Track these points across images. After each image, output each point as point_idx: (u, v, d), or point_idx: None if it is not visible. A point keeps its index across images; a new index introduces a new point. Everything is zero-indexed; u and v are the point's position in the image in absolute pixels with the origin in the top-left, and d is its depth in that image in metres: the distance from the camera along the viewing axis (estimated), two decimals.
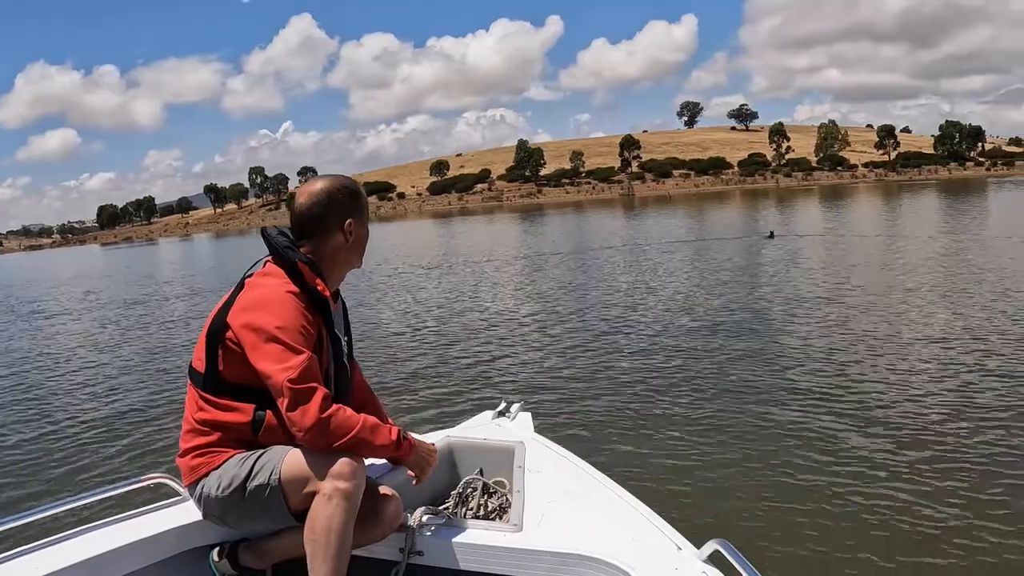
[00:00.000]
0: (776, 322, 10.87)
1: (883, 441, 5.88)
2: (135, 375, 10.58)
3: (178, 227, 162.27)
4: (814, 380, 7.68)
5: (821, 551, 4.30)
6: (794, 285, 14.26)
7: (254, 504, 2.23)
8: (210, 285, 24.97)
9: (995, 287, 12.38)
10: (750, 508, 4.89)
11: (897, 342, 9.08)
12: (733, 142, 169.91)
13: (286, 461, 2.20)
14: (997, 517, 4.50)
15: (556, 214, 71.42)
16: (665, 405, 7.25)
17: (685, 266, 19.01)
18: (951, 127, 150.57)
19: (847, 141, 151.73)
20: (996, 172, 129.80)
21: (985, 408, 6.48)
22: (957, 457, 5.45)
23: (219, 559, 2.41)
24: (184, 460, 2.34)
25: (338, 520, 2.11)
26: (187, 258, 53.40)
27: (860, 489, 5.04)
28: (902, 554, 4.20)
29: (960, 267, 15.15)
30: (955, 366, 7.84)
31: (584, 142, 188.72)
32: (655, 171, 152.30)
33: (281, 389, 2.13)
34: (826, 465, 5.50)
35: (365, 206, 2.52)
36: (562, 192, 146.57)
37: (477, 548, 2.30)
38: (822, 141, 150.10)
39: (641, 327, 11.18)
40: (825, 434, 6.14)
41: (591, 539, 2.22)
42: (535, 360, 9.60)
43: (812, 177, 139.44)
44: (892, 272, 15.24)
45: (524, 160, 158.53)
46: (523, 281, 18.78)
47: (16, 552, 2.22)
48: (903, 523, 4.54)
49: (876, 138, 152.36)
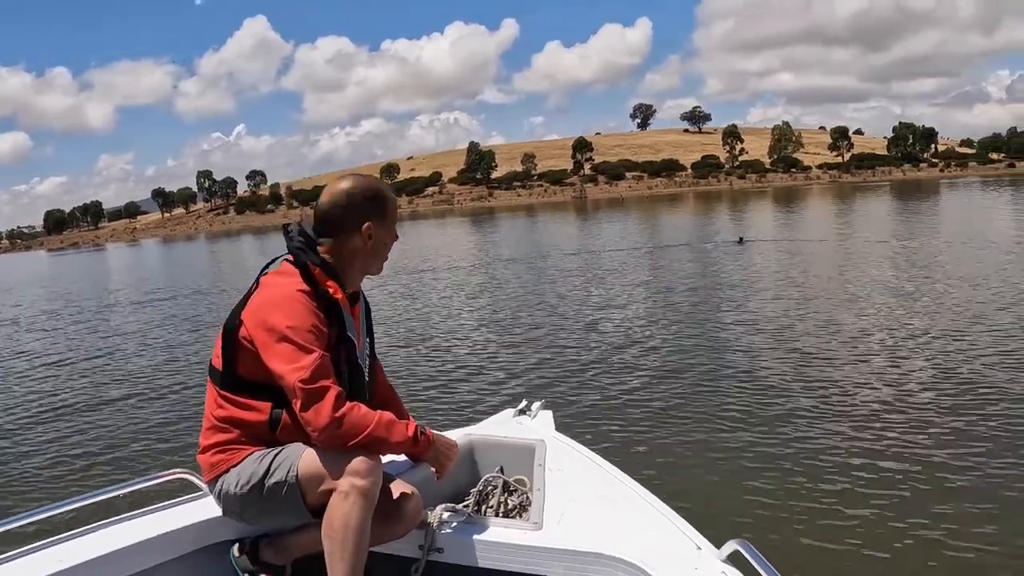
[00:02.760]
0: (793, 326, 10.94)
1: (905, 444, 5.92)
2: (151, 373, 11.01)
3: (125, 232, 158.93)
4: (837, 385, 7.69)
5: (841, 552, 4.36)
6: (796, 289, 14.40)
7: (272, 501, 2.27)
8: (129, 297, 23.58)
9: (972, 291, 12.67)
10: (770, 508, 4.98)
11: (931, 348, 9.04)
12: (686, 144, 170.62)
13: (303, 458, 2.23)
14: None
15: (508, 218, 71.01)
16: (685, 405, 7.36)
17: (675, 272, 18.91)
18: (904, 129, 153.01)
19: (801, 143, 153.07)
20: (950, 173, 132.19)
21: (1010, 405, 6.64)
22: (983, 461, 5.48)
23: (239, 555, 2.44)
24: (204, 457, 2.39)
25: (355, 518, 2.13)
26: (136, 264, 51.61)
27: (881, 490, 5.12)
28: (923, 554, 4.27)
29: (936, 270, 15.56)
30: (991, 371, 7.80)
31: (537, 144, 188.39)
32: (608, 173, 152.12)
33: (294, 390, 2.16)
34: (848, 467, 5.56)
35: (389, 210, 2.49)
36: (513, 195, 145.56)
37: (497, 546, 2.33)
38: (776, 143, 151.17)
39: (659, 330, 11.34)
40: (846, 436, 6.20)
41: (611, 538, 2.23)
42: (552, 360, 9.82)
43: (766, 179, 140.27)
44: (888, 277, 15.25)
45: (475, 163, 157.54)
46: (484, 288, 18.36)
47: (38, 545, 2.26)
48: (924, 523, 4.60)
49: (830, 140, 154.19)
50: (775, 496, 5.11)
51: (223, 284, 26.03)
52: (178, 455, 6.82)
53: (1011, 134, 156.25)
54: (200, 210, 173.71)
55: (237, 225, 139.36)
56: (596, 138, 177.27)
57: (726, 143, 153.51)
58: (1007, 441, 5.82)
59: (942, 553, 4.26)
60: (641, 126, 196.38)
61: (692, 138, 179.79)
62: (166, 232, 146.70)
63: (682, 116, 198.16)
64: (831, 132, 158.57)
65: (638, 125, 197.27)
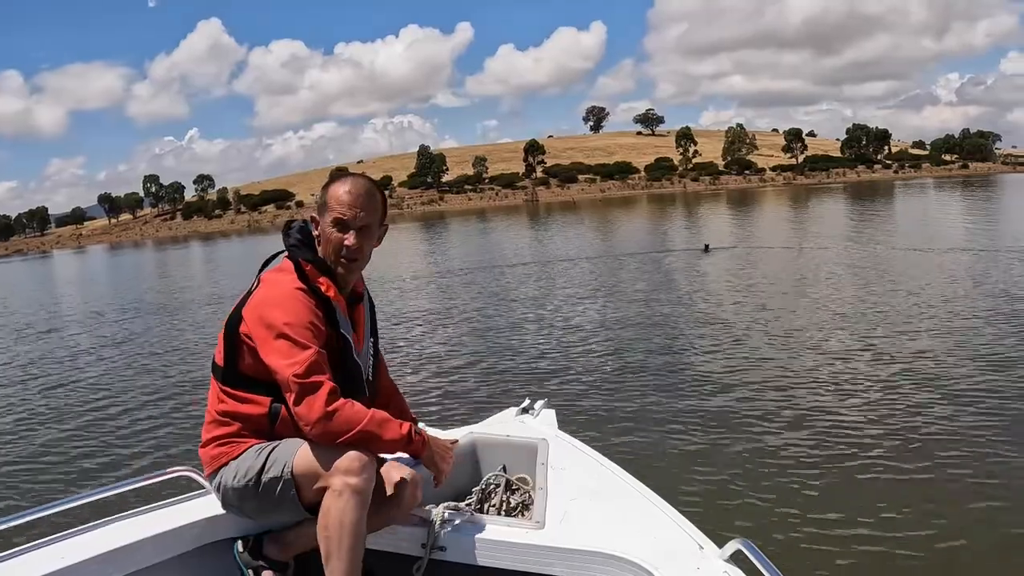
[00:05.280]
0: (793, 328, 11.17)
1: (908, 445, 6.05)
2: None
3: (71, 239, 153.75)
4: (839, 386, 7.87)
5: (843, 552, 4.44)
6: (782, 296, 14.50)
7: (268, 497, 2.34)
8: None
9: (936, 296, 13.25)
10: (773, 508, 5.06)
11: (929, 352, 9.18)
12: (640, 147, 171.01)
13: (298, 455, 2.30)
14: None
15: (463, 222, 70.55)
16: (689, 405, 7.54)
17: (652, 278, 18.94)
18: (858, 130, 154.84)
19: (755, 145, 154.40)
20: (904, 174, 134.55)
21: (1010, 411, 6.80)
22: (984, 461, 5.64)
23: (243, 550, 2.49)
24: (205, 450, 2.47)
25: (349, 516, 2.18)
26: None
27: (884, 490, 5.23)
28: (924, 554, 4.38)
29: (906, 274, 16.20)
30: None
31: (489, 148, 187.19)
32: (560, 176, 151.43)
33: (288, 383, 2.23)
34: (851, 468, 5.66)
35: (327, 198, 2.52)
36: (464, 199, 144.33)
37: (499, 544, 2.36)
38: (729, 145, 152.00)
39: (662, 329, 11.71)
40: (850, 437, 6.32)
41: (613, 537, 2.26)
42: (555, 360, 10.13)
43: (720, 181, 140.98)
44: (880, 280, 15.63)
45: (426, 166, 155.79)
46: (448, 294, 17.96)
47: (43, 542, 2.31)
48: (926, 523, 4.71)
49: (783, 142, 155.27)
50: (777, 496, 5.24)
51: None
52: (178, 451, 7.08)
53: (964, 135, 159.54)
54: (147, 215, 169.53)
55: (184, 231, 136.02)
56: (548, 141, 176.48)
57: (680, 145, 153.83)
58: (1009, 440, 6.01)
59: (943, 553, 4.39)
60: (594, 129, 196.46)
61: (645, 140, 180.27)
62: (112, 238, 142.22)
63: (635, 119, 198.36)
64: (785, 134, 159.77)
65: (591, 128, 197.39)
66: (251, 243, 66.40)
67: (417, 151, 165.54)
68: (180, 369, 11.87)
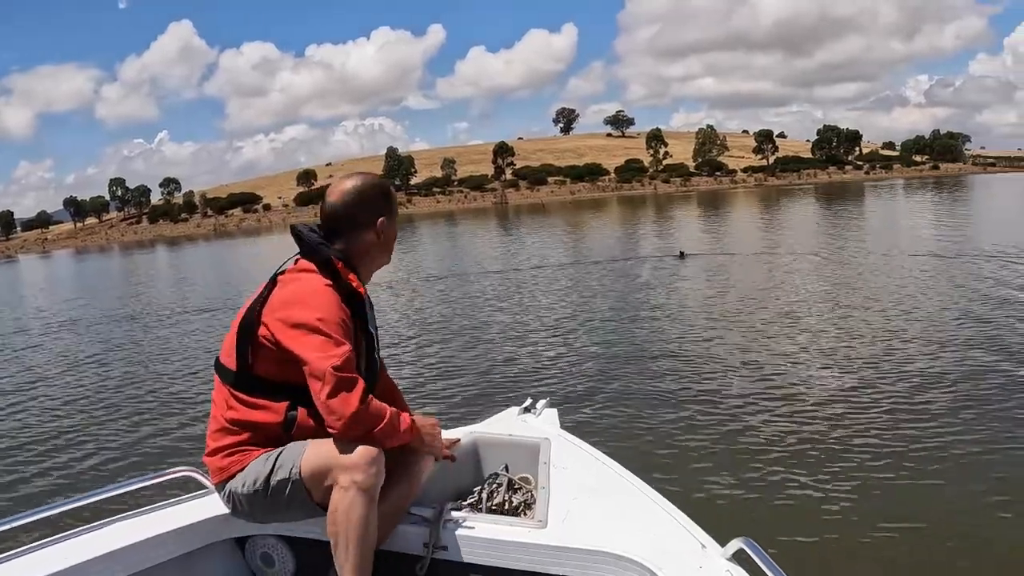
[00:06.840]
0: (793, 330, 11.19)
1: (911, 445, 6.03)
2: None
3: (36, 243, 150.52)
4: (840, 388, 7.90)
5: (845, 551, 4.48)
6: (774, 301, 14.24)
7: (278, 499, 2.33)
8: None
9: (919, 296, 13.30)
10: (775, 507, 5.10)
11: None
12: (610, 148, 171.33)
13: (306, 455, 2.29)
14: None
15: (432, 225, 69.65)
16: (691, 405, 7.60)
17: (637, 283, 18.72)
18: (829, 131, 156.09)
19: (726, 146, 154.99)
20: (875, 175, 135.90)
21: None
22: (986, 460, 5.65)
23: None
24: (213, 459, 2.42)
25: (357, 512, 2.19)
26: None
27: (886, 491, 5.24)
28: (926, 553, 4.40)
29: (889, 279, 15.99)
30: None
31: (458, 150, 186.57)
32: (529, 178, 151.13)
33: (324, 375, 2.19)
34: (853, 468, 5.68)
35: (395, 205, 2.60)
36: (433, 201, 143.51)
37: (502, 544, 2.37)
38: (700, 146, 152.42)
39: (660, 333, 11.72)
40: (853, 438, 6.33)
41: (615, 536, 2.27)
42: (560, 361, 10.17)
43: (691, 182, 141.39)
44: (866, 282, 15.56)
45: (394, 169, 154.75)
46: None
47: (47, 542, 2.33)
48: (927, 522, 4.73)
49: (754, 143, 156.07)
50: (780, 495, 5.28)
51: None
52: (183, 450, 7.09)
53: (934, 136, 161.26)
54: (113, 219, 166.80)
55: (150, 235, 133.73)
56: (518, 143, 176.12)
57: (650, 147, 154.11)
58: (1011, 440, 6.02)
59: (947, 551, 4.41)
60: (564, 131, 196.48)
61: (615, 142, 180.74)
62: (78, 243, 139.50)
63: (605, 120, 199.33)
64: (755, 135, 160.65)
65: (561, 130, 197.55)
66: (218, 247, 65.42)
67: (385, 153, 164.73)
68: (157, 372, 11.78)
